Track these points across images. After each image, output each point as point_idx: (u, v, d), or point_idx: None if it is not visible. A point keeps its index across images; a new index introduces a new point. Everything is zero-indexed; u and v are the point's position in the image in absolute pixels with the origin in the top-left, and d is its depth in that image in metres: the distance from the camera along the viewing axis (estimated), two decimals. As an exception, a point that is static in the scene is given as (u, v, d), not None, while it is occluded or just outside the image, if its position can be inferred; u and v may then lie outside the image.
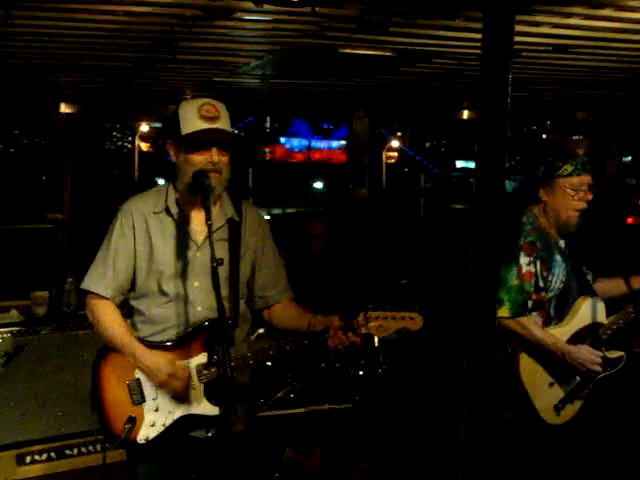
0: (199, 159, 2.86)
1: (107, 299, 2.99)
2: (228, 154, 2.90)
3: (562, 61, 4.07)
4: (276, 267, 3.19)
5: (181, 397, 2.92)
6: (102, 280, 2.98)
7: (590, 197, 3.47)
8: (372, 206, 6.55)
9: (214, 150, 2.87)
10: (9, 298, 5.07)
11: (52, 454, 4.18)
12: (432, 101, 6.62)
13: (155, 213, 2.99)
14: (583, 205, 3.47)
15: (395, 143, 9.29)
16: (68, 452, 4.21)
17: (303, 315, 3.09)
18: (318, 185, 9.95)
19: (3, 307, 4.59)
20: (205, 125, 2.86)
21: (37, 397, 4.16)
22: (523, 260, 3.40)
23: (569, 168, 3.43)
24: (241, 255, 2.95)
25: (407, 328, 2.99)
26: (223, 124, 2.91)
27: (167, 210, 2.98)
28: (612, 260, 4.13)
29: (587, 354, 3.43)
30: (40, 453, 4.15)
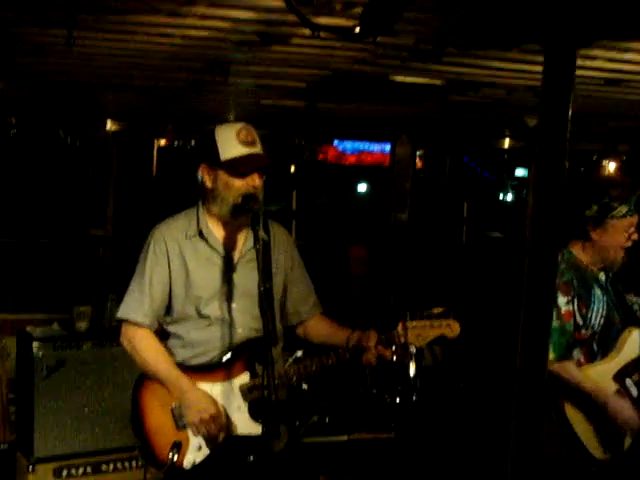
0: (240, 184, 2.89)
1: (145, 327, 3.00)
2: (263, 178, 2.95)
3: (614, 94, 4.04)
4: (306, 282, 3.23)
5: (226, 419, 2.93)
6: (140, 308, 2.99)
7: (637, 237, 3.46)
8: (413, 232, 6.53)
9: (256, 175, 2.90)
10: (52, 312, 5.14)
11: (88, 469, 4.21)
12: (475, 129, 6.61)
13: (187, 238, 3.01)
14: (630, 244, 3.46)
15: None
16: (104, 467, 4.24)
17: (339, 328, 3.12)
18: (362, 188, 9.86)
19: (46, 320, 4.65)
20: (246, 150, 2.89)
21: (76, 411, 4.19)
22: (561, 300, 3.37)
23: (624, 210, 3.41)
24: (273, 273, 2.97)
25: (445, 335, 2.99)
26: (260, 148, 2.95)
27: (200, 234, 3.01)
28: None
29: (626, 411, 3.39)
30: (77, 467, 4.18)
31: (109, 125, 6.11)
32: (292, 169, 6.65)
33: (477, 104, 4.63)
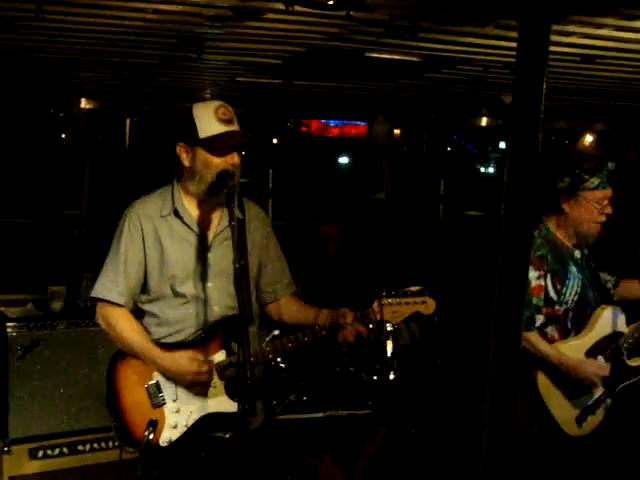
0: (219, 162, 2.88)
1: (120, 306, 2.99)
2: (240, 156, 2.94)
3: (589, 71, 4.04)
4: (280, 261, 3.25)
5: (201, 396, 2.93)
6: (114, 287, 2.98)
7: (611, 210, 3.46)
8: (389, 211, 6.53)
9: (235, 153, 2.90)
10: (26, 292, 5.09)
11: (64, 449, 4.19)
12: (452, 107, 6.60)
13: (162, 216, 3.00)
14: (604, 218, 3.46)
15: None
16: (80, 448, 4.22)
17: (310, 308, 3.13)
18: (345, 160, 9.73)
19: (20, 300, 4.61)
20: (224, 128, 2.89)
21: (51, 392, 4.17)
22: (532, 274, 3.38)
23: (596, 181, 3.41)
24: (249, 252, 2.96)
25: (420, 312, 3.01)
26: (237, 126, 2.94)
27: (175, 212, 2.99)
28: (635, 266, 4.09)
29: (595, 368, 3.41)
30: (53, 448, 4.16)
31: (83, 103, 6.03)
32: (274, 141, 6.61)
33: (453, 81, 4.61)
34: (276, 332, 4.38)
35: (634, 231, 6.02)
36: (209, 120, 2.87)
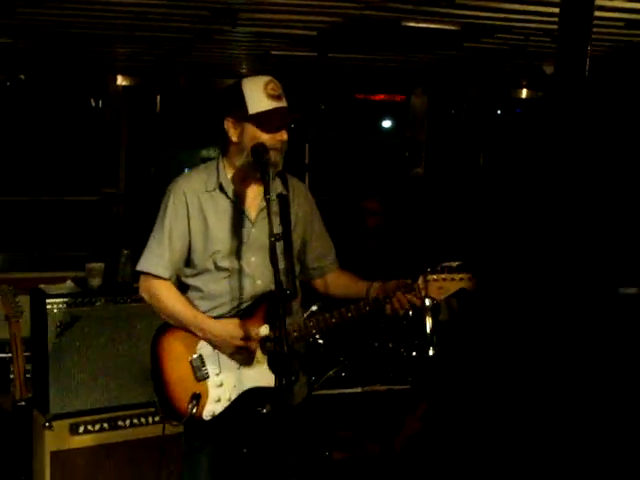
0: (267, 137, 2.85)
1: (165, 279, 2.99)
2: (288, 133, 2.91)
3: (633, 37, 3.92)
4: (326, 237, 3.22)
5: (245, 370, 2.92)
6: (159, 261, 2.98)
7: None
8: (428, 185, 6.45)
9: (284, 130, 2.87)
10: (64, 269, 5.12)
11: (105, 425, 4.20)
12: (492, 79, 6.48)
13: (208, 191, 2.98)
14: None
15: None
16: (121, 423, 4.23)
17: (359, 281, 3.10)
18: (387, 124, 9.52)
19: (59, 277, 4.62)
20: (274, 104, 2.86)
21: (90, 368, 4.18)
22: None
23: None
24: (292, 228, 2.93)
25: (465, 289, 2.97)
26: (286, 102, 2.90)
27: (220, 187, 2.98)
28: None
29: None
30: (93, 424, 4.17)
31: (120, 80, 6.03)
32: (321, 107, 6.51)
33: (493, 51, 4.51)
34: (314, 307, 4.37)
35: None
36: (259, 96, 2.84)
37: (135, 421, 4.26)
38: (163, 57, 5.02)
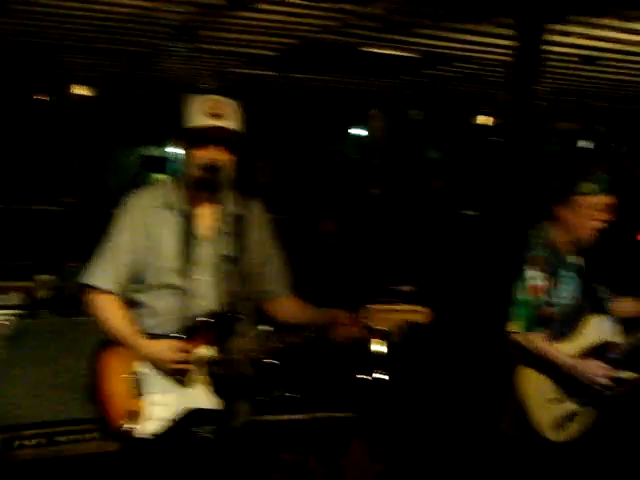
0: (201, 155, 2.83)
1: (109, 293, 2.95)
2: (231, 152, 2.88)
3: (587, 72, 4.01)
4: (280, 261, 3.19)
5: (185, 391, 2.89)
6: (105, 274, 2.93)
7: (608, 217, 3.38)
8: (384, 206, 6.48)
9: (220, 148, 2.84)
10: (11, 279, 5.02)
11: (42, 440, 4.12)
12: (448, 104, 6.56)
13: (160, 208, 2.96)
14: (598, 224, 3.39)
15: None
16: (59, 439, 4.15)
17: (307, 309, 3.07)
18: (358, 132, 9.24)
19: (4, 287, 4.54)
20: (210, 122, 2.82)
21: (34, 381, 4.10)
22: (528, 274, 3.33)
23: (589, 187, 3.35)
24: (246, 250, 2.91)
25: (415, 321, 2.95)
26: (228, 122, 2.87)
27: (172, 205, 2.95)
28: (631, 278, 4.05)
29: (595, 368, 3.36)
30: (30, 438, 4.09)
31: (76, 90, 5.97)
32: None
33: (449, 78, 4.58)
34: (265, 329, 4.35)
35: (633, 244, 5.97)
36: (195, 112, 2.82)
37: (73, 437, 4.17)
38: (121, 70, 4.99)
